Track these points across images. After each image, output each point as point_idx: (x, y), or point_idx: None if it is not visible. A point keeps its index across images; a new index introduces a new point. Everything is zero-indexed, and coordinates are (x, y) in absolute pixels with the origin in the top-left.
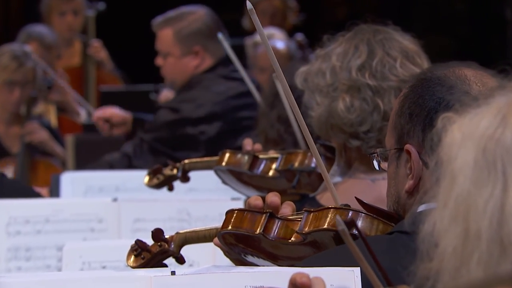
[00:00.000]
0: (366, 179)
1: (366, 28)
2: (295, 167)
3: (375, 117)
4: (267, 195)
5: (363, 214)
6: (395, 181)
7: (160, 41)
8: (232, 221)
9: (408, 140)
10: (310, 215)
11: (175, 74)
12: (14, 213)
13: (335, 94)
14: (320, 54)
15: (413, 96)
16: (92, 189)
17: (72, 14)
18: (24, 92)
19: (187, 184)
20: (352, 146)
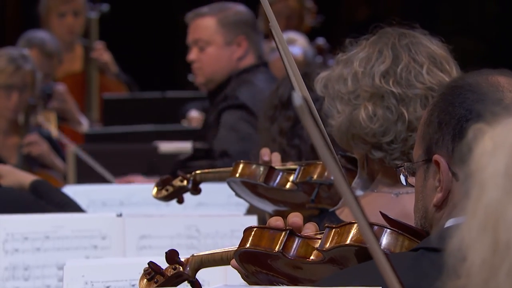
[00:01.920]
0: (389, 193)
1: (391, 31)
2: (314, 179)
3: (399, 127)
4: (288, 215)
5: (388, 230)
6: (423, 195)
7: (198, 30)
8: (251, 239)
9: (437, 150)
10: (331, 231)
11: (215, 67)
12: (11, 229)
13: (357, 102)
14: (341, 59)
15: (442, 104)
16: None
17: (72, 16)
18: (22, 97)
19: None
20: (375, 157)
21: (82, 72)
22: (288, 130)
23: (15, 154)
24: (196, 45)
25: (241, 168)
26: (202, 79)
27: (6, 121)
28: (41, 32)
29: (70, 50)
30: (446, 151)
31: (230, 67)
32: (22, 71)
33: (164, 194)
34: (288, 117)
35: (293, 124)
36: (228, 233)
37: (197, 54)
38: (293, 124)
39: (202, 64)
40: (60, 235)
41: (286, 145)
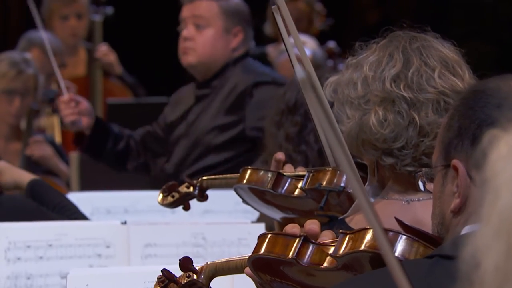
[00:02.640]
0: (400, 200)
1: (402, 34)
2: (323, 186)
3: (410, 133)
4: (305, 222)
5: (403, 236)
6: (440, 201)
7: (200, 8)
8: (265, 246)
9: (456, 155)
10: (345, 237)
11: (210, 50)
12: (13, 237)
13: (367, 107)
14: (351, 63)
15: (463, 109)
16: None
17: (75, 18)
18: (24, 102)
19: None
20: (385, 164)
21: (86, 76)
22: (294, 136)
23: (17, 160)
24: (193, 22)
25: (249, 174)
26: (194, 59)
27: (8, 126)
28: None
29: (73, 54)
30: (465, 156)
31: (224, 56)
32: (24, 75)
33: (170, 200)
34: (295, 122)
35: (300, 130)
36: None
37: (193, 32)
38: (300, 129)
39: (197, 45)
40: (64, 243)
41: (293, 151)
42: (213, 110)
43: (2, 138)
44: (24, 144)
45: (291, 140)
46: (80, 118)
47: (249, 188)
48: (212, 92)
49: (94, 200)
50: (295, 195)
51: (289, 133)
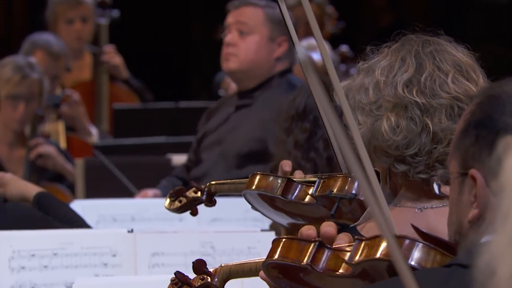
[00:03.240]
0: (413, 207)
1: (415, 38)
2: (334, 193)
3: (423, 139)
4: (321, 224)
5: (419, 244)
6: (457, 209)
7: (245, 15)
8: (279, 251)
9: (474, 164)
10: (361, 244)
11: (252, 57)
12: (18, 246)
13: (379, 113)
14: (362, 68)
15: (479, 116)
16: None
17: (80, 22)
18: (29, 108)
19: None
20: (398, 171)
21: (92, 81)
22: (304, 143)
23: (21, 167)
24: (237, 28)
25: (258, 180)
26: (235, 65)
27: (12, 132)
28: (45, 34)
29: (78, 58)
30: (483, 166)
31: (267, 65)
32: (29, 80)
33: (177, 205)
34: (304, 129)
35: (309, 136)
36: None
37: (236, 38)
38: (309, 136)
39: (239, 50)
40: (69, 252)
41: (301, 158)
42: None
43: (6, 145)
44: (28, 151)
45: (300, 147)
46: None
47: (258, 194)
48: (253, 102)
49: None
50: (306, 201)
51: (298, 140)
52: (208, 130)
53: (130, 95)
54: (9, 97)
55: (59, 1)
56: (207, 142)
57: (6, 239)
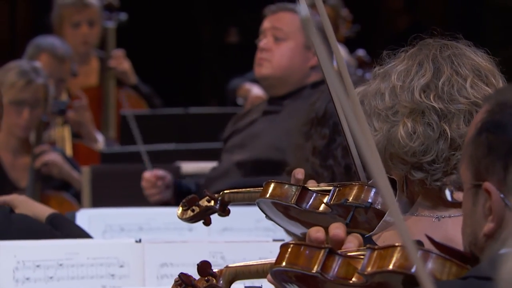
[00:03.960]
0: (430, 216)
1: (432, 42)
2: (349, 202)
3: (441, 146)
4: (330, 226)
5: (434, 255)
6: (472, 220)
7: (282, 21)
8: (287, 257)
9: (487, 177)
10: (373, 253)
11: (286, 64)
12: (22, 256)
13: (395, 119)
14: (378, 73)
15: (491, 126)
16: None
17: (87, 25)
18: (34, 114)
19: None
20: (415, 178)
21: (98, 86)
22: (322, 149)
23: (26, 175)
24: (272, 34)
25: (272, 188)
26: (268, 71)
27: (16, 139)
28: (50, 37)
29: (85, 63)
30: (497, 179)
31: (301, 73)
32: (34, 85)
33: (189, 215)
34: (323, 135)
35: (327, 143)
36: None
37: (271, 44)
38: (328, 142)
39: (273, 56)
40: (75, 263)
41: (319, 166)
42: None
43: (10, 152)
44: (33, 158)
45: (318, 154)
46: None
47: (272, 202)
48: (282, 110)
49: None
50: (320, 210)
51: (317, 146)
52: (233, 133)
53: (138, 100)
54: (13, 103)
55: (64, 4)
56: (230, 144)
57: (10, 249)
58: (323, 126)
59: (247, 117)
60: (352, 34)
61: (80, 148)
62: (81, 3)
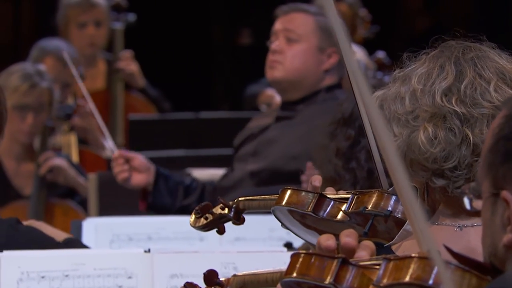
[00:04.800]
0: (452, 225)
1: (454, 44)
2: (368, 210)
3: (463, 151)
4: (341, 234)
5: (453, 266)
6: (491, 231)
7: (294, 22)
8: (298, 267)
9: (505, 185)
10: (389, 264)
11: (299, 66)
12: (27, 267)
13: (416, 123)
14: (398, 76)
15: (508, 131)
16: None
17: (93, 26)
18: (38, 118)
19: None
20: (436, 186)
21: (105, 90)
22: (345, 151)
23: (30, 182)
24: (284, 35)
25: (288, 195)
26: (280, 74)
27: (20, 145)
28: (55, 40)
29: (91, 65)
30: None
31: (314, 77)
32: (38, 89)
33: (203, 222)
34: (348, 136)
35: (351, 144)
36: None
37: (283, 45)
38: (352, 144)
39: (285, 58)
40: (81, 274)
41: (341, 168)
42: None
43: (14, 158)
44: (37, 165)
45: (341, 156)
46: (131, 175)
47: (289, 210)
48: (296, 116)
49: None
50: (338, 219)
51: (340, 147)
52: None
53: (147, 105)
54: (16, 107)
55: (70, 4)
56: (242, 153)
57: (14, 260)
58: (348, 126)
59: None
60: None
61: (86, 155)
62: (87, 3)
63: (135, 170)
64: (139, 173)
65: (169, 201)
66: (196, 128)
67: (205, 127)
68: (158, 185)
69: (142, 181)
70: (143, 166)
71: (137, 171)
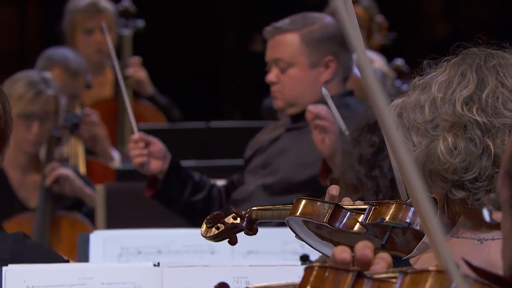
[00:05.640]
0: (472, 238)
1: (476, 51)
2: (386, 221)
3: (484, 162)
4: (356, 246)
5: (471, 280)
6: (511, 243)
7: (279, 49)
8: (312, 281)
9: None
10: (406, 278)
11: (297, 91)
12: (32, 281)
13: (435, 133)
14: (418, 83)
15: None
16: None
17: (101, 32)
18: (43, 128)
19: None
20: (456, 197)
21: (113, 98)
22: (369, 158)
23: (35, 194)
24: (277, 65)
25: (303, 205)
26: (282, 103)
27: (25, 155)
28: (63, 49)
29: (99, 73)
30: None
31: (315, 92)
32: (44, 97)
33: (214, 233)
34: (372, 143)
35: (375, 152)
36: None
37: (278, 76)
38: (376, 151)
39: (283, 88)
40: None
41: (364, 175)
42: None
43: (19, 169)
44: (43, 176)
45: (365, 163)
46: (149, 160)
47: (303, 221)
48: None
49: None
50: (355, 230)
51: (364, 154)
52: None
53: (156, 113)
54: (21, 116)
55: (77, 10)
56: (253, 165)
57: (19, 274)
58: (373, 133)
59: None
60: (388, 42)
61: (93, 166)
62: (94, 8)
63: (152, 156)
64: (155, 159)
65: (176, 194)
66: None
67: (216, 136)
68: (169, 176)
69: (158, 168)
70: (161, 153)
71: (154, 157)
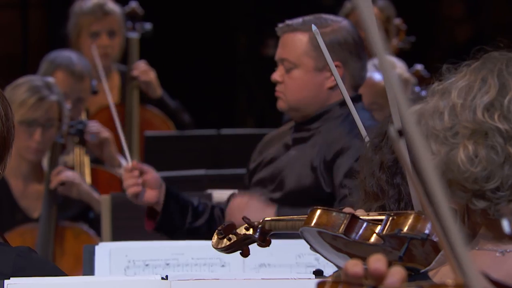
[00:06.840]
0: (494, 250)
1: (498, 56)
2: (404, 232)
3: (506, 171)
4: (369, 260)
5: None
6: None
7: (287, 48)
8: None
9: None
10: None
11: (299, 94)
12: None
13: (455, 141)
14: (437, 89)
15: None
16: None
17: (107, 36)
18: (47, 135)
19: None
20: (477, 208)
21: (120, 104)
22: (391, 164)
23: (38, 204)
24: (282, 64)
25: (318, 215)
26: (284, 105)
27: (27, 164)
28: (67, 52)
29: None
30: None
31: (319, 98)
32: (46, 103)
33: (225, 244)
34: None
35: (397, 158)
36: None
37: (282, 75)
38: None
39: (286, 89)
40: None
41: (385, 182)
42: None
43: (21, 178)
44: (47, 182)
45: (386, 170)
46: (144, 190)
47: (318, 232)
48: (312, 135)
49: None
50: (371, 242)
51: (385, 160)
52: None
53: (165, 120)
54: (23, 123)
55: (82, 12)
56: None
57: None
58: None
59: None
60: (406, 46)
61: (99, 175)
62: (100, 10)
63: (147, 185)
64: (151, 189)
65: (178, 223)
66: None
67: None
68: (169, 205)
69: (154, 198)
70: (157, 182)
71: (149, 186)
